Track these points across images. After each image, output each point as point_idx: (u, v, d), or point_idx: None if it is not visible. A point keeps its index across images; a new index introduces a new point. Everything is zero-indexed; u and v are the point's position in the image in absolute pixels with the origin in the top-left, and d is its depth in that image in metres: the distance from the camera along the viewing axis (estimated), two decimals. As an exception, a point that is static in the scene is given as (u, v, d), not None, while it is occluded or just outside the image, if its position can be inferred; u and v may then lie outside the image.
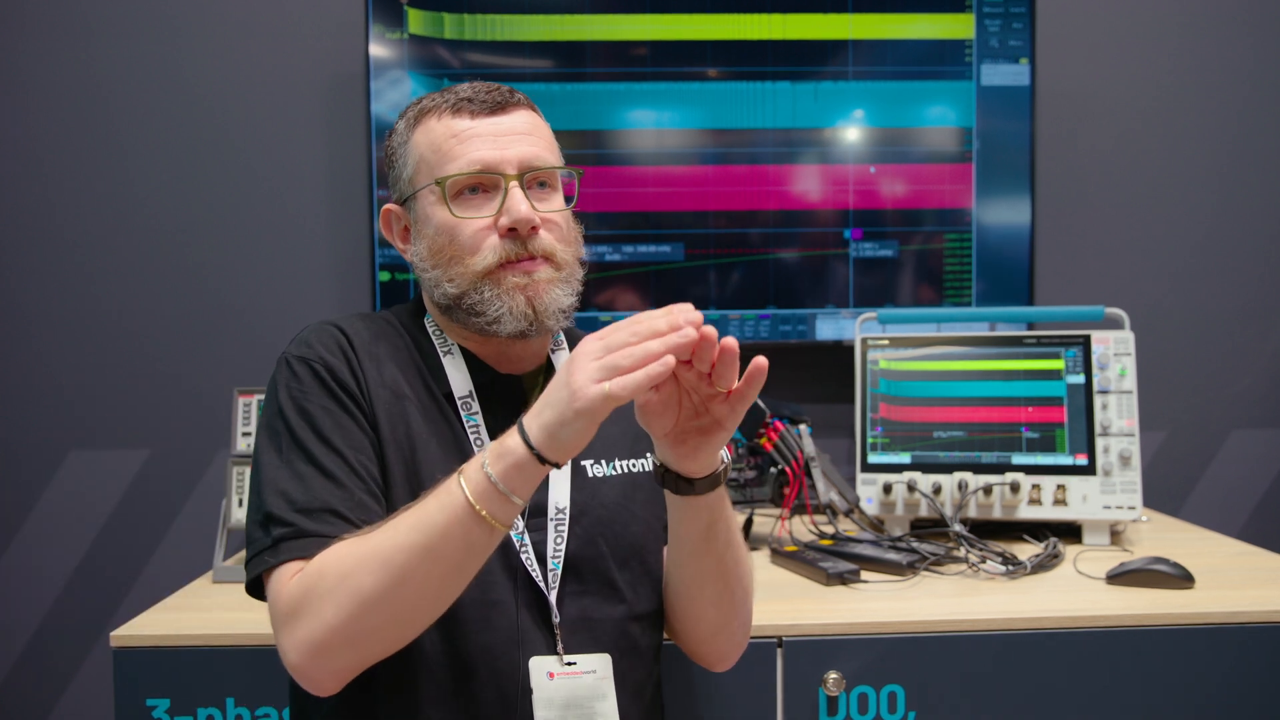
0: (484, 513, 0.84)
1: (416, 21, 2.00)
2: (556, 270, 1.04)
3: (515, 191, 1.01)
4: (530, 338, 1.04)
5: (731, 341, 0.86)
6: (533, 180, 1.04)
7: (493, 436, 1.02)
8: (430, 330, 1.10)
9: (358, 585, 0.86)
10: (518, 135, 1.04)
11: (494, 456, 0.85)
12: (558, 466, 0.85)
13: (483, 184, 1.03)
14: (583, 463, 1.07)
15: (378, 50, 1.99)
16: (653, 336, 0.81)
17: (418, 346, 1.08)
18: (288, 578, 0.90)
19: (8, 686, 2.12)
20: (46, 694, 2.11)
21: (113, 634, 1.27)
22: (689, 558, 1.04)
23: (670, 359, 0.80)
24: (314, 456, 0.95)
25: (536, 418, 0.84)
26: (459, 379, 1.06)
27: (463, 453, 1.02)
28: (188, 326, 2.11)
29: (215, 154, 2.11)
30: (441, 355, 1.07)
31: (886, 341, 1.78)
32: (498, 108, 1.04)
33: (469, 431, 1.04)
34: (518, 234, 1.01)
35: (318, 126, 2.12)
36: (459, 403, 1.05)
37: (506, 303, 1.01)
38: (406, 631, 0.91)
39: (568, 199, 1.09)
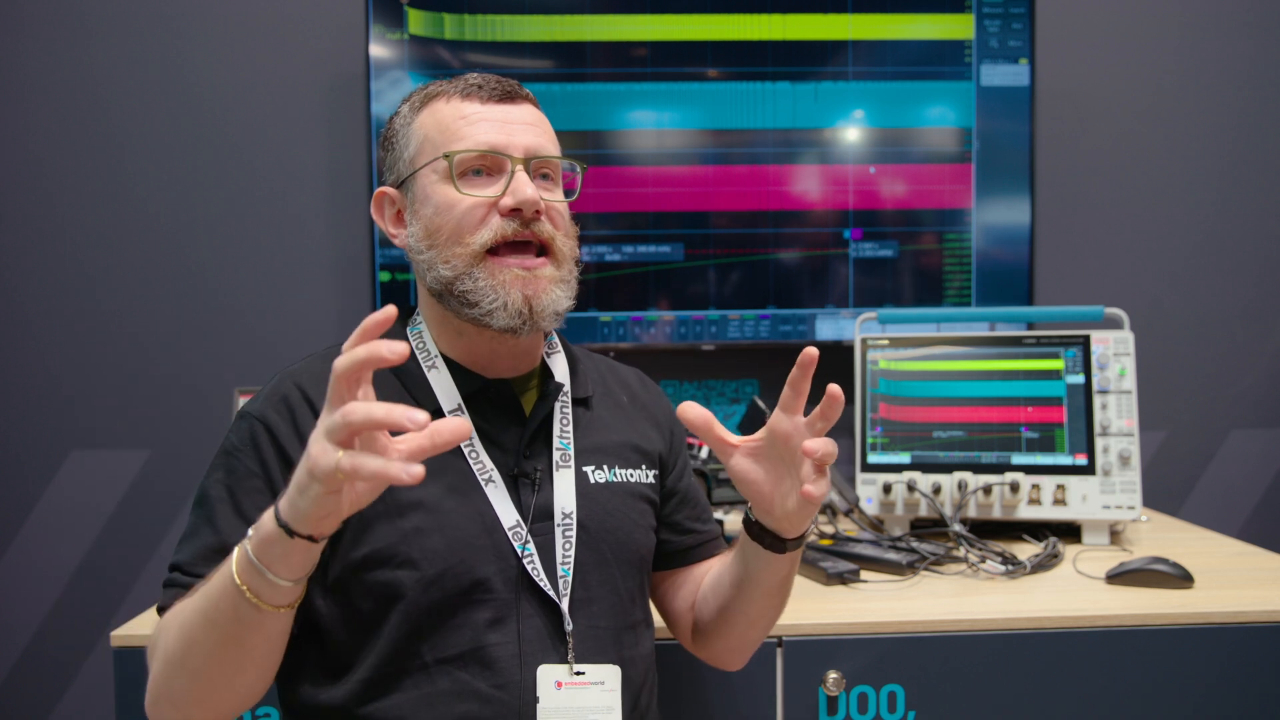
0: (245, 589, 0.82)
1: (417, 22, 2.00)
2: (557, 268, 1.03)
3: (521, 175, 1.01)
4: (521, 336, 1.01)
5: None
6: (537, 170, 1.04)
7: (487, 445, 1.02)
8: (414, 345, 1.07)
9: (165, 646, 0.91)
10: (525, 125, 1.04)
11: (254, 531, 0.82)
12: (312, 540, 0.79)
13: (487, 167, 1.02)
14: (584, 469, 1.07)
15: (378, 51, 1.99)
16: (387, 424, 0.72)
17: (399, 368, 1.05)
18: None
19: (8, 686, 2.12)
20: (47, 694, 2.11)
21: (113, 634, 1.27)
22: (761, 597, 1.07)
23: (413, 470, 0.71)
24: (214, 516, 0.97)
25: (287, 489, 0.80)
26: (446, 393, 1.03)
27: (456, 468, 1.01)
28: (188, 326, 2.11)
29: (216, 154, 2.11)
30: (426, 370, 1.05)
31: (886, 341, 1.78)
32: (507, 96, 1.04)
33: (462, 445, 1.02)
34: (520, 215, 1.00)
35: (318, 126, 2.12)
36: (448, 416, 1.02)
37: (502, 296, 0.99)
38: (215, 698, 0.91)
39: (568, 194, 1.09)
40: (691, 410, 0.94)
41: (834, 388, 0.89)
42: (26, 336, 2.10)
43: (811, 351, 0.91)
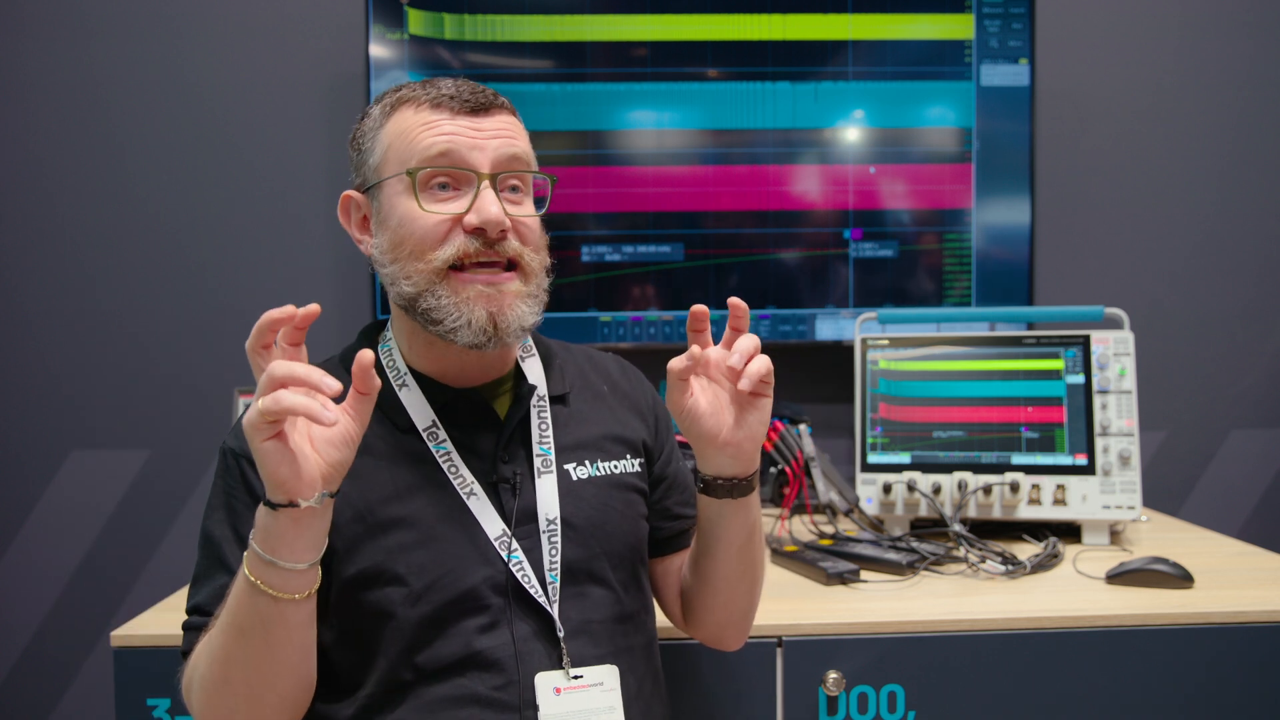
0: (259, 582, 0.84)
1: (417, 22, 2.00)
2: (525, 283, 1.01)
3: (487, 192, 0.98)
4: (487, 351, 1.00)
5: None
6: (505, 183, 1.01)
7: (464, 456, 1.02)
8: (384, 363, 1.06)
9: (203, 673, 0.92)
10: (495, 137, 1.00)
11: (254, 529, 0.85)
12: (293, 506, 0.81)
13: (453, 180, 1.00)
14: (565, 466, 1.06)
15: (378, 50, 1.99)
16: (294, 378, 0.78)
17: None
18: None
19: (8, 686, 2.12)
20: (47, 694, 2.11)
21: (113, 634, 1.27)
22: (735, 555, 1.06)
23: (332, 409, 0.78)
24: (223, 555, 0.98)
25: None
26: (419, 410, 1.03)
27: (438, 482, 1.01)
28: (188, 326, 2.11)
29: (216, 154, 2.11)
30: (397, 389, 1.04)
31: (886, 341, 1.78)
32: (479, 109, 1.01)
33: (440, 460, 1.01)
34: (484, 235, 0.98)
35: (318, 126, 2.12)
36: (424, 434, 1.02)
37: (465, 314, 0.97)
38: (261, 708, 0.92)
39: (540, 201, 1.07)
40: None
41: (732, 300, 0.96)
42: (26, 336, 2.10)
43: (700, 309, 0.95)
